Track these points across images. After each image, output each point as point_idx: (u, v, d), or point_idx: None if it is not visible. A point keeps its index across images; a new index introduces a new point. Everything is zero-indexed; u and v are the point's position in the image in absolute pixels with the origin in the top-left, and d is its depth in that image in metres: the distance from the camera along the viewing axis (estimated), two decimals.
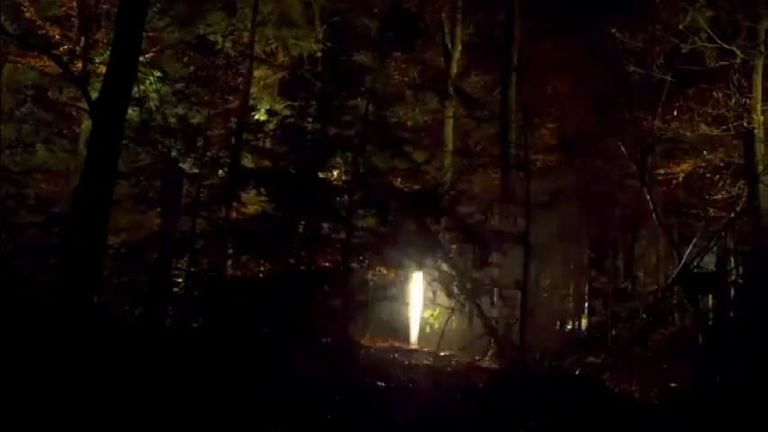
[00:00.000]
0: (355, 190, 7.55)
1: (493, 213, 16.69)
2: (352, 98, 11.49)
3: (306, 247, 8.76)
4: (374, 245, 7.84)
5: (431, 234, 9.48)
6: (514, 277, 12.52)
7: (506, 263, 13.23)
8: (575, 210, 19.16)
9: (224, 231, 10.21)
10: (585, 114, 20.24)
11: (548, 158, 21.77)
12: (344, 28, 18.60)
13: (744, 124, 15.60)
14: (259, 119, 17.41)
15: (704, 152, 17.61)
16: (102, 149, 7.27)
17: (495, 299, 14.84)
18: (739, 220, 16.62)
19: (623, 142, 16.73)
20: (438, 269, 11.37)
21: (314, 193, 7.90)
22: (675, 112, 16.80)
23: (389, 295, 12.75)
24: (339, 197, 8.89)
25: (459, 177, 18.69)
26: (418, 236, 8.20)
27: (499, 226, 15.24)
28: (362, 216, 8.99)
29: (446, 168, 18.68)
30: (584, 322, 22.44)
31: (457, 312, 13.39)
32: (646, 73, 16.96)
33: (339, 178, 11.36)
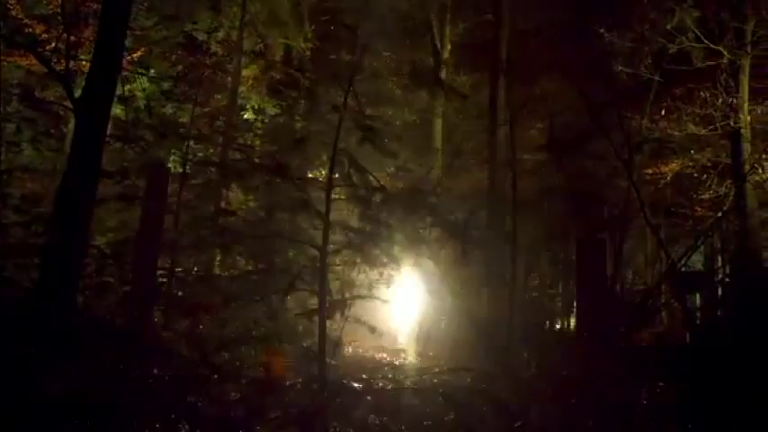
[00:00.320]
0: (333, 186, 7.46)
1: (481, 212, 16.71)
2: (340, 97, 11.45)
3: (285, 245, 8.73)
4: (357, 243, 7.78)
5: (417, 232, 9.44)
6: (502, 276, 12.53)
7: (494, 262, 13.25)
8: (563, 209, 19.20)
9: (210, 230, 10.14)
10: (574, 114, 20.27)
11: (536, 158, 21.83)
12: (333, 27, 18.59)
13: (731, 124, 15.66)
14: (248, 118, 17.40)
15: (692, 152, 17.68)
16: (84, 148, 7.20)
17: (483, 298, 14.85)
18: (726, 220, 16.70)
19: (611, 142, 16.79)
20: (424, 268, 11.34)
21: (299, 192, 7.85)
22: (663, 112, 16.84)
23: (377, 295, 12.68)
24: (330, 196, 8.84)
25: (447, 175, 18.70)
26: (404, 234, 8.15)
27: (487, 224, 15.26)
28: (347, 214, 8.97)
29: (434, 167, 18.69)
30: (572, 322, 22.52)
31: (445, 312, 13.37)
32: (634, 73, 16.99)
33: (328, 177, 11.34)
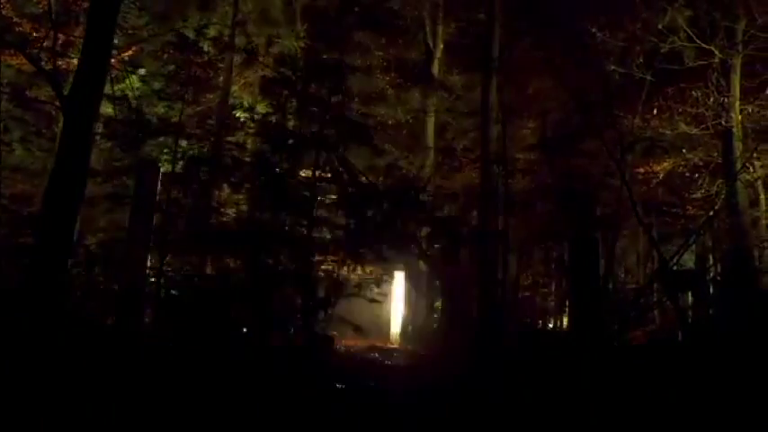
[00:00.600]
0: (317, 185, 7.44)
1: (472, 210, 16.72)
2: (332, 96, 11.45)
3: (272, 245, 8.69)
4: (348, 243, 7.75)
5: (408, 231, 9.41)
6: (493, 275, 12.52)
7: (485, 261, 13.23)
8: (555, 208, 19.22)
9: (201, 230, 10.11)
10: (566, 113, 20.30)
11: (529, 157, 21.84)
12: (325, 27, 18.54)
13: (722, 123, 15.70)
14: (240, 117, 17.33)
15: (683, 151, 17.74)
16: (72, 146, 7.13)
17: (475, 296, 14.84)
18: (718, 218, 16.75)
19: (604, 141, 16.80)
20: (415, 266, 11.32)
21: (288, 192, 7.82)
22: (655, 111, 16.85)
23: (369, 295, 12.66)
24: (315, 195, 8.83)
25: (439, 174, 18.69)
26: (395, 233, 8.12)
27: (479, 223, 15.26)
28: (338, 214, 8.95)
29: (427, 166, 18.68)
30: (565, 321, 22.56)
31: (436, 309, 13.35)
32: (626, 72, 17.01)
33: (320, 177, 11.35)
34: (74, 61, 13.12)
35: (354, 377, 8.23)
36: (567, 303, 22.56)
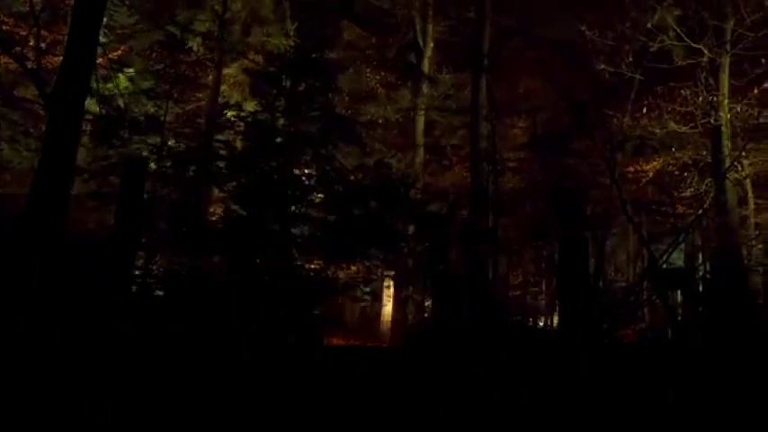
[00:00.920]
0: (305, 183, 7.41)
1: (462, 209, 16.71)
2: (321, 95, 11.42)
3: (258, 244, 8.66)
4: (333, 241, 7.72)
5: (396, 229, 9.39)
6: (483, 274, 12.51)
7: (475, 259, 13.23)
8: (546, 207, 19.25)
9: (187, 229, 10.06)
10: (556, 112, 20.35)
11: (519, 156, 21.88)
12: (315, 25, 18.51)
13: (711, 121, 15.78)
14: (230, 117, 17.26)
15: (673, 149, 17.81)
16: (57, 145, 7.06)
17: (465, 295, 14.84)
18: (707, 217, 16.83)
19: (594, 140, 16.84)
20: (405, 265, 11.31)
21: (275, 190, 7.78)
22: (645, 110, 16.91)
23: (360, 294, 12.64)
24: (304, 194, 8.80)
25: (427, 171, 18.67)
26: (382, 231, 8.10)
27: (469, 221, 15.26)
28: (325, 213, 8.92)
29: (416, 163, 18.66)
30: (556, 320, 22.58)
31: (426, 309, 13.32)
32: (615, 71, 17.05)
33: (309, 175, 11.32)
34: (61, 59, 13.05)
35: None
36: (558, 302, 22.60)
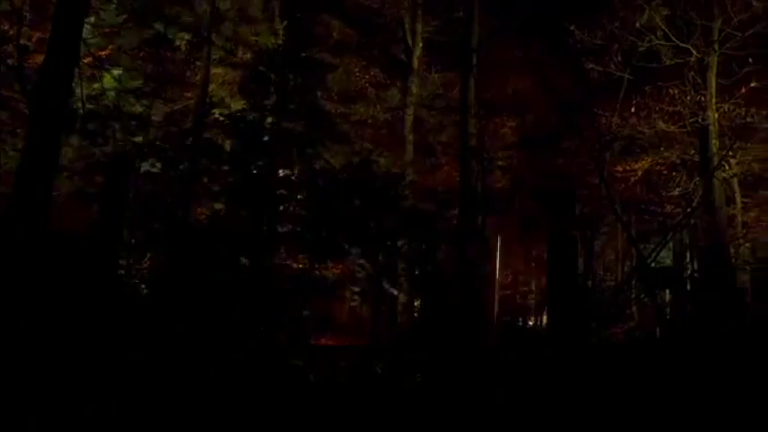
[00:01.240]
0: (292, 182, 7.35)
1: (451, 208, 16.69)
2: (309, 94, 11.37)
3: (244, 243, 8.60)
4: (314, 240, 7.65)
5: (383, 228, 9.34)
6: (472, 273, 12.49)
7: (464, 258, 13.20)
8: (535, 206, 19.27)
9: (176, 229, 9.97)
10: (546, 112, 20.35)
11: (508, 156, 21.88)
12: (304, 25, 18.45)
13: (699, 121, 15.84)
14: (218, 116, 17.17)
15: (661, 149, 17.88)
16: (39, 143, 6.95)
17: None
18: (695, 216, 16.89)
19: (583, 139, 16.85)
20: (394, 264, 11.27)
21: (261, 189, 7.71)
22: (633, 110, 16.95)
23: (348, 294, 12.58)
24: (292, 193, 8.74)
25: (414, 168, 18.62)
26: (366, 230, 8.04)
27: (458, 220, 15.23)
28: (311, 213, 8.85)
29: (405, 163, 18.61)
30: (545, 319, 22.64)
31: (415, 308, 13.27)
32: (604, 71, 17.08)
33: (299, 173, 11.26)
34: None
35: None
36: (547, 301, 22.65)
